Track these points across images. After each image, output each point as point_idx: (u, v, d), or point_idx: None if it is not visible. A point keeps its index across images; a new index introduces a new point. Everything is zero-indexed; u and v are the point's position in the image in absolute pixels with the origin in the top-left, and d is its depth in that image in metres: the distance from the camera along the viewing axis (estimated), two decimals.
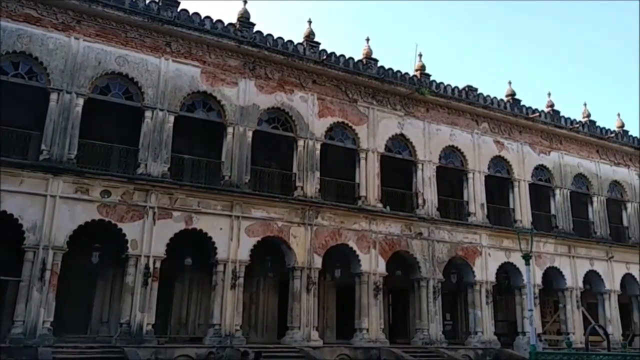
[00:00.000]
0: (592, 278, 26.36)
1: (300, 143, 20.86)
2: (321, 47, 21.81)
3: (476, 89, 25.23)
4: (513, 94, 26.66)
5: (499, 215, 25.18)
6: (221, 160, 19.44)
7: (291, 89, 21.09)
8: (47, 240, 16.07)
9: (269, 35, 20.77)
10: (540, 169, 26.41)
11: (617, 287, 26.66)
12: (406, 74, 23.63)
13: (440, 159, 23.72)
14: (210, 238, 18.46)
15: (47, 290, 15.79)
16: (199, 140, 20.51)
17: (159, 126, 18.44)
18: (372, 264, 21.03)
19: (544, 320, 25.60)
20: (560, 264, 25.29)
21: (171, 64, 19.04)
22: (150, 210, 17.64)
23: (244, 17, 20.69)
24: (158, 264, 17.45)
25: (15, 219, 15.91)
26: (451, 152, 24.26)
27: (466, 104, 24.65)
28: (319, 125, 21.29)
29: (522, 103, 26.56)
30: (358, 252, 20.87)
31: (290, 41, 21.20)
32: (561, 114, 27.59)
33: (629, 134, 29.77)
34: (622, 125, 29.90)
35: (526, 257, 15.52)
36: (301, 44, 21.52)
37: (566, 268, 25.41)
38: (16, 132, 16.96)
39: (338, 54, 22.03)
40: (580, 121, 28.19)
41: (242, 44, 20.07)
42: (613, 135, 28.96)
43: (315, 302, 19.82)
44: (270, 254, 20.52)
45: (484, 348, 22.24)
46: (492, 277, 23.46)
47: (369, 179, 21.83)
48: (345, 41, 51.09)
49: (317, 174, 20.82)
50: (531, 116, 26.25)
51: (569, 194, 26.71)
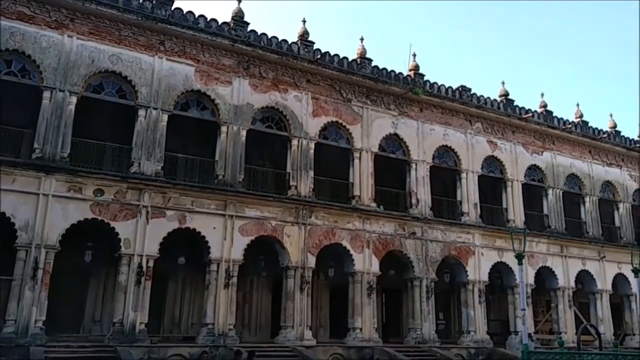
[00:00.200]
0: (584, 278, 26.51)
1: (294, 142, 20.87)
2: (315, 46, 21.85)
3: (470, 89, 25.33)
4: (506, 94, 26.78)
5: (492, 215, 25.28)
6: (215, 159, 19.42)
7: (285, 88, 21.09)
8: (39, 239, 16.00)
9: (263, 34, 20.76)
10: (533, 169, 26.52)
11: (609, 286, 26.84)
12: (400, 73, 23.69)
13: (433, 158, 23.79)
14: (204, 237, 18.44)
15: (39, 289, 15.73)
16: (192, 139, 20.45)
17: (152, 125, 18.40)
18: (366, 263, 21.06)
19: (536, 320, 25.75)
20: (552, 263, 25.42)
21: (165, 63, 19.00)
22: (144, 209, 17.60)
23: (238, 16, 20.67)
24: (151, 263, 17.42)
25: (8, 217, 15.83)
26: (445, 152, 24.33)
27: (460, 104, 24.73)
28: (313, 124, 21.30)
29: (515, 103, 26.69)
30: (352, 252, 20.90)
31: (285, 40, 21.19)
32: (554, 114, 27.74)
33: (621, 134, 29.98)
34: (615, 126, 30.11)
35: (519, 257, 15.53)
36: (295, 43, 21.53)
37: (558, 268, 25.55)
38: (9, 130, 16.88)
39: (332, 53, 22.07)
40: (573, 121, 28.35)
41: (236, 43, 20.04)
42: (605, 135, 29.14)
43: (308, 301, 19.83)
44: (264, 253, 20.51)
45: (476, 347, 22.33)
46: (485, 277, 23.56)
47: (362, 178, 21.86)
48: (339, 41, 51.16)
49: (311, 173, 20.83)
50: (524, 116, 26.35)
51: (561, 194, 26.84)
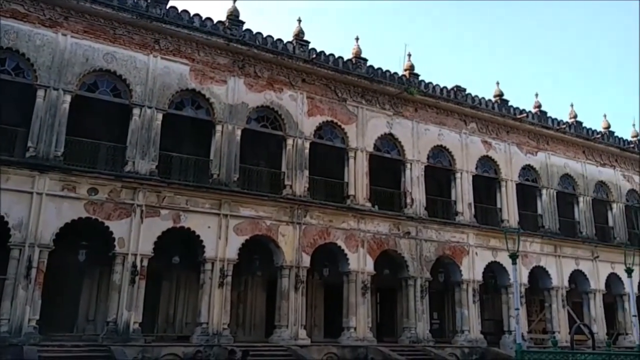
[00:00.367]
0: (577, 277, 26.63)
1: (290, 142, 20.86)
2: (311, 46, 21.82)
3: (464, 89, 25.37)
4: (501, 94, 26.84)
5: (486, 214, 25.36)
6: (210, 158, 19.39)
7: (280, 87, 21.07)
8: (33, 238, 15.94)
9: (259, 33, 20.73)
10: (527, 169, 26.60)
11: (602, 286, 26.98)
12: (395, 73, 23.71)
13: (428, 158, 23.83)
14: (198, 236, 18.41)
15: (33, 289, 15.67)
16: (187, 138, 20.38)
17: (147, 124, 18.36)
18: (360, 262, 21.09)
19: (530, 319, 25.82)
20: (546, 263, 25.52)
21: (160, 62, 18.94)
22: (138, 208, 17.56)
23: (234, 15, 20.63)
24: (145, 262, 17.38)
25: (1, 216, 15.76)
26: (439, 152, 24.37)
27: (454, 104, 24.77)
28: (308, 124, 21.30)
29: (509, 103, 26.75)
30: (346, 251, 20.91)
31: (280, 40, 21.18)
32: (548, 114, 27.84)
33: (615, 135, 30.11)
34: (608, 126, 30.24)
35: (513, 257, 15.58)
36: (291, 42, 21.51)
37: (552, 267, 25.64)
38: (3, 129, 16.75)
39: (327, 53, 22.06)
40: (567, 122, 28.45)
41: (232, 42, 20.01)
42: (599, 136, 29.27)
43: (303, 300, 19.84)
44: (259, 252, 20.50)
45: (470, 347, 22.39)
46: (479, 276, 23.62)
47: (357, 178, 21.88)
48: (334, 40, 51.12)
49: (306, 172, 20.83)
50: (519, 117, 26.43)
51: (555, 194, 26.95)
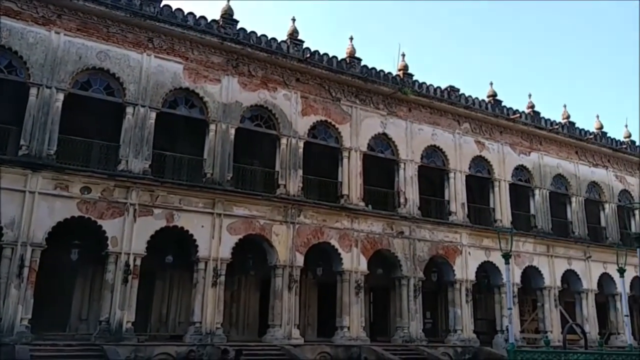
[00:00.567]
0: (570, 277, 26.75)
1: (283, 141, 20.84)
2: (305, 45, 21.81)
3: (458, 90, 25.44)
4: (494, 94, 26.92)
5: (479, 214, 25.42)
6: (203, 157, 19.34)
7: (274, 86, 21.05)
8: (25, 237, 15.86)
9: (253, 32, 20.70)
10: (520, 169, 26.70)
11: (595, 286, 27.12)
12: (389, 73, 23.74)
13: (422, 158, 23.87)
14: (192, 236, 18.37)
15: (25, 287, 15.59)
16: (180, 137, 20.33)
17: (140, 122, 18.30)
18: (354, 262, 21.10)
19: (522, 319, 25.87)
20: (539, 263, 25.62)
21: (153, 60, 18.88)
22: (131, 207, 17.50)
23: (228, 14, 20.59)
24: (138, 262, 17.33)
25: None
26: (433, 152, 24.42)
27: (448, 104, 24.83)
28: (302, 123, 21.29)
29: (503, 104, 26.84)
30: (340, 251, 20.93)
31: (274, 39, 21.15)
32: (541, 115, 27.94)
33: (608, 135, 30.26)
34: (601, 127, 30.38)
35: (506, 257, 15.62)
36: (285, 41, 21.50)
37: (545, 267, 25.75)
38: None
39: (322, 52, 22.06)
40: (560, 122, 28.58)
41: (225, 41, 19.97)
42: (592, 136, 29.41)
43: (296, 300, 19.83)
44: (252, 252, 20.48)
45: (463, 346, 22.45)
46: (472, 276, 23.68)
47: (351, 177, 21.89)
48: (328, 40, 51.15)
49: (300, 172, 20.82)
50: (512, 117, 26.52)
51: (548, 194, 27.05)
